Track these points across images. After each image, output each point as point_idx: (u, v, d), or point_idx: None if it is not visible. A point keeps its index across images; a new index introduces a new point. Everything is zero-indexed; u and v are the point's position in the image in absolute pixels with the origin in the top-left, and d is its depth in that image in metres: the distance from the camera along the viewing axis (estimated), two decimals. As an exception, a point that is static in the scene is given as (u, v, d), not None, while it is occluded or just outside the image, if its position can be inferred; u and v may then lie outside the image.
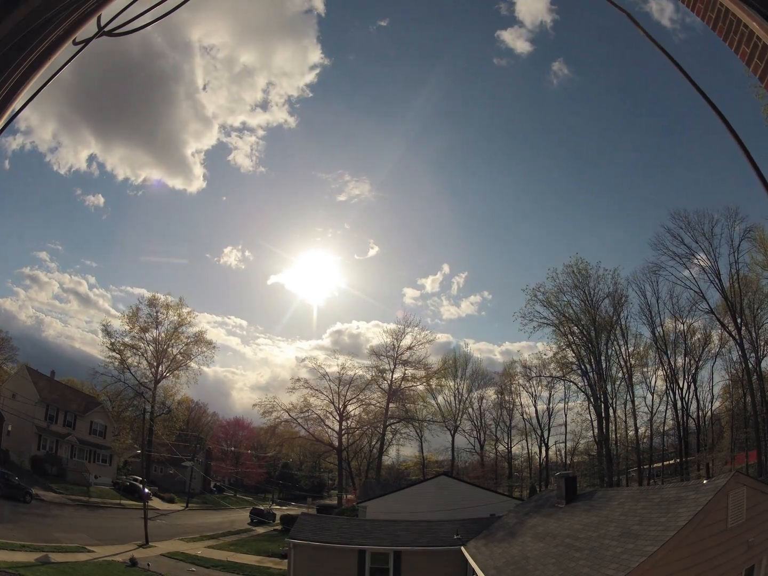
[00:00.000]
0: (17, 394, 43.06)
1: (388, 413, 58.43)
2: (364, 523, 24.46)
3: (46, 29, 2.40)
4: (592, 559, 11.22)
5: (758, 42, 2.21)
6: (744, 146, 2.34)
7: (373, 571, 20.06)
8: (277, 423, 58.85)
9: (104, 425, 54.19)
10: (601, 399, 50.92)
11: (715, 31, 2.54)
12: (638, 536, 10.79)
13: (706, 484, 11.33)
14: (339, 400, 56.99)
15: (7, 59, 2.28)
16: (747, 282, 45.01)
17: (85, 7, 2.54)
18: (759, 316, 45.04)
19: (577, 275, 51.97)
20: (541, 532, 16.17)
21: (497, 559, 15.79)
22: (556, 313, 52.90)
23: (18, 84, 2.35)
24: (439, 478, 32.37)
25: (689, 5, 2.71)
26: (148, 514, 30.36)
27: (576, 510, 16.17)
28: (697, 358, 51.19)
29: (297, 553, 20.66)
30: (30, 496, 32.55)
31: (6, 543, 21.35)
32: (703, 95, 2.58)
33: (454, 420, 64.08)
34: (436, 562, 20.29)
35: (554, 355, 55.08)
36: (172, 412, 65.09)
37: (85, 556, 23.43)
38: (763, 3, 2.18)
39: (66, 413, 49.00)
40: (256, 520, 47.66)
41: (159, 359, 58.77)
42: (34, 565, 19.72)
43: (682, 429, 50.23)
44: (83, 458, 48.52)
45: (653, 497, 12.82)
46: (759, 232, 42.99)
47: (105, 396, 59.80)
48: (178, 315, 60.46)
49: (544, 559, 13.33)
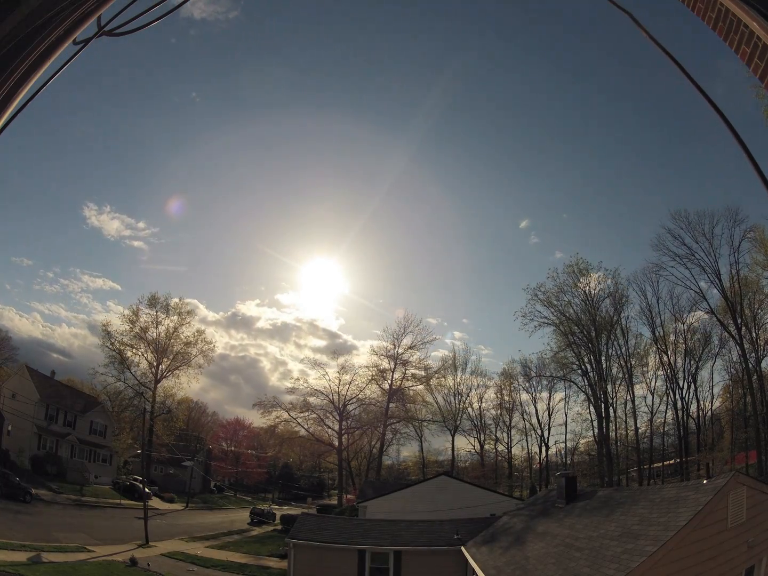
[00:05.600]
0: (17, 394, 43.05)
1: (388, 413, 58.41)
2: (364, 523, 24.43)
3: (46, 29, 2.39)
4: (592, 558, 11.22)
5: (758, 42, 2.21)
6: (745, 146, 2.34)
7: (373, 570, 20.06)
8: (277, 422, 58.81)
9: (104, 425, 54.19)
10: (601, 399, 50.94)
11: (715, 31, 2.54)
12: (638, 536, 10.79)
13: (706, 484, 11.32)
14: (339, 400, 56.97)
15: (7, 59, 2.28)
16: (747, 282, 45.01)
17: (85, 7, 2.54)
18: (759, 316, 45.08)
19: (577, 275, 52.09)
20: (541, 532, 16.16)
21: (497, 558, 15.79)
22: (556, 313, 52.99)
23: (18, 84, 2.35)
24: (439, 478, 32.32)
25: (689, 5, 2.70)
26: (148, 514, 30.37)
27: (576, 510, 16.16)
28: (697, 358, 51.24)
29: (297, 553, 20.66)
30: (30, 496, 32.54)
31: (6, 543, 21.34)
32: (705, 95, 2.57)
33: (454, 420, 64.10)
34: (436, 562, 20.27)
35: (554, 354, 55.19)
36: (172, 412, 65.06)
37: (84, 556, 23.40)
38: (763, 3, 2.18)
39: (66, 413, 49.00)
40: (256, 520, 47.68)
41: (159, 359, 58.81)
42: (34, 565, 19.71)
43: (682, 429, 50.25)
44: (83, 458, 48.50)
45: (653, 497, 12.81)
46: (759, 233, 43.01)
47: (105, 396, 59.82)
48: (177, 315, 60.60)
49: (544, 559, 13.32)
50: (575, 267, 52.26)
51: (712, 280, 46.06)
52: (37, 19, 2.34)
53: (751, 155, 2.30)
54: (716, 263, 45.38)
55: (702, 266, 45.96)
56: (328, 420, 57.96)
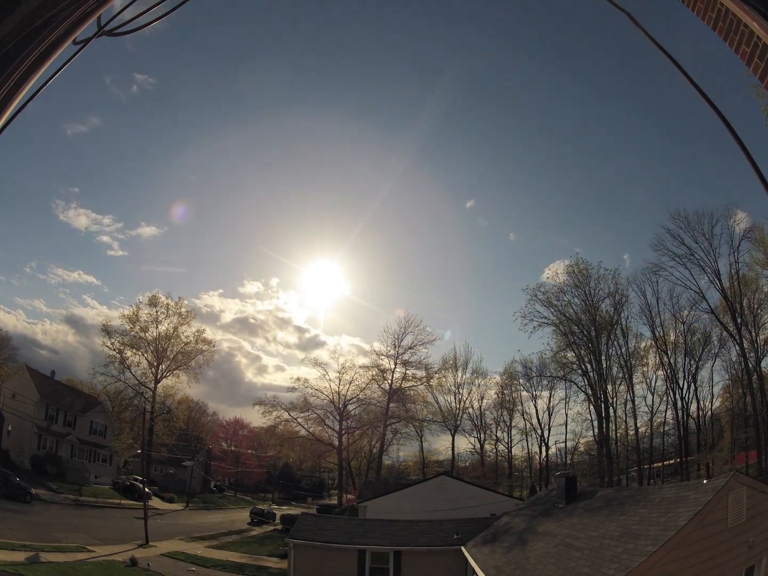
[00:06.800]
0: (17, 394, 43.05)
1: (388, 413, 58.41)
2: (364, 523, 24.42)
3: (46, 29, 2.40)
4: (592, 558, 11.22)
5: (758, 42, 2.21)
6: (744, 146, 2.34)
7: (373, 570, 20.06)
8: (277, 422, 58.83)
9: (104, 425, 54.21)
10: (601, 399, 50.91)
11: (715, 31, 2.54)
12: (638, 536, 10.79)
13: (706, 484, 11.32)
14: (339, 400, 56.97)
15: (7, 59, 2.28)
16: (747, 282, 45.00)
17: (85, 7, 2.54)
18: (759, 316, 45.07)
19: (577, 275, 52.05)
20: (541, 532, 16.16)
21: (497, 558, 15.79)
22: (556, 313, 52.96)
23: (18, 84, 2.35)
24: (439, 477, 32.34)
25: (689, 5, 2.70)
26: (148, 514, 30.37)
27: (576, 510, 16.15)
28: (697, 358, 51.22)
29: (297, 553, 20.66)
30: (30, 496, 32.55)
31: (6, 543, 21.34)
32: (703, 95, 2.58)
33: (454, 420, 64.08)
34: (436, 562, 20.27)
35: (554, 354, 55.17)
36: (172, 411, 65.04)
37: (84, 556, 23.40)
38: (763, 3, 2.18)
39: (66, 413, 49.02)
40: (257, 519, 47.67)
41: (159, 359, 58.79)
42: (35, 565, 19.71)
43: (682, 429, 50.24)
44: (83, 458, 48.53)
45: (653, 497, 12.81)
46: (759, 232, 43.02)
47: (105, 396, 59.80)
48: (178, 314, 60.59)
49: (544, 559, 13.33)
50: (575, 267, 52.29)
51: (711, 280, 46.08)
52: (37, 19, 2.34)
53: (750, 155, 2.30)
54: (716, 263, 45.44)
55: (702, 266, 45.99)
56: (328, 420, 58.04)
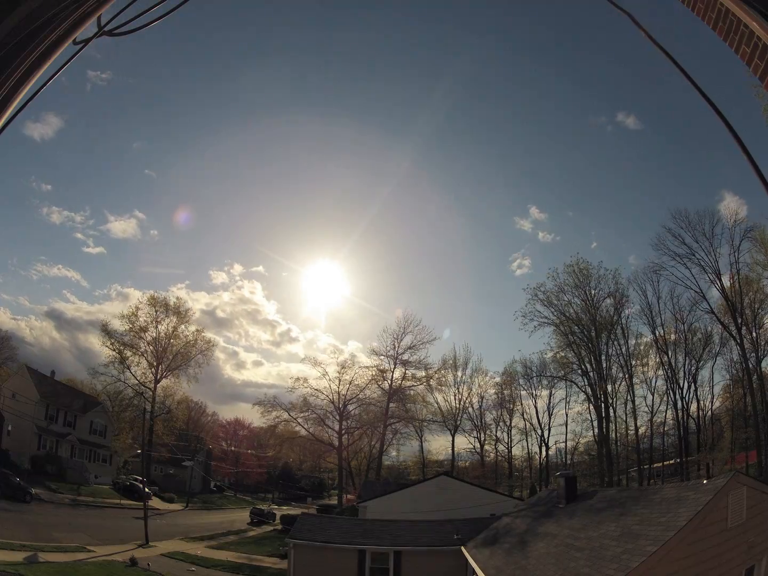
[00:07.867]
0: (17, 394, 43.05)
1: (388, 413, 58.41)
2: (364, 523, 24.44)
3: (46, 29, 2.40)
4: (592, 558, 11.22)
5: (758, 42, 2.21)
6: (744, 146, 2.34)
7: (373, 570, 20.06)
8: (277, 422, 58.84)
9: (104, 425, 54.22)
10: (601, 399, 50.94)
11: (715, 31, 2.54)
12: (638, 536, 10.78)
13: (706, 484, 11.32)
14: (339, 400, 56.96)
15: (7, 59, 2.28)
16: (747, 282, 45.02)
17: (85, 7, 2.54)
18: (759, 316, 45.08)
19: (577, 275, 52.05)
20: (541, 532, 16.16)
21: (497, 558, 15.79)
22: (556, 313, 52.98)
23: (18, 84, 2.35)
24: (439, 478, 32.33)
25: (689, 5, 2.70)
26: (147, 514, 30.37)
27: (576, 510, 16.15)
28: (697, 358, 51.24)
29: (297, 553, 20.66)
30: (30, 496, 32.56)
31: (6, 543, 21.34)
32: (704, 95, 2.58)
33: (454, 420, 64.10)
34: (436, 562, 20.28)
35: (554, 354, 55.19)
36: (172, 412, 65.04)
37: (84, 556, 23.42)
38: (763, 3, 2.18)
39: (66, 413, 49.03)
40: (256, 520, 47.68)
41: (159, 359, 58.77)
42: (35, 565, 19.71)
43: (682, 429, 50.24)
44: (83, 458, 48.53)
45: (653, 497, 12.81)
46: (759, 232, 43.02)
47: (105, 396, 59.79)
48: (177, 314, 60.55)
49: (544, 559, 13.33)
50: (575, 267, 52.31)
51: (712, 280, 46.13)
52: (37, 19, 2.34)
53: (750, 155, 2.30)
54: (716, 263, 45.48)
55: (702, 266, 46.04)
56: (328, 420, 58.03)
